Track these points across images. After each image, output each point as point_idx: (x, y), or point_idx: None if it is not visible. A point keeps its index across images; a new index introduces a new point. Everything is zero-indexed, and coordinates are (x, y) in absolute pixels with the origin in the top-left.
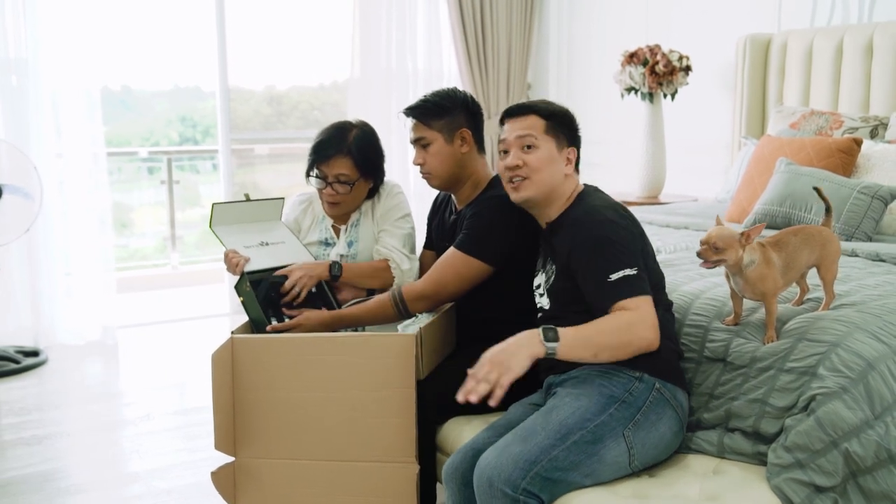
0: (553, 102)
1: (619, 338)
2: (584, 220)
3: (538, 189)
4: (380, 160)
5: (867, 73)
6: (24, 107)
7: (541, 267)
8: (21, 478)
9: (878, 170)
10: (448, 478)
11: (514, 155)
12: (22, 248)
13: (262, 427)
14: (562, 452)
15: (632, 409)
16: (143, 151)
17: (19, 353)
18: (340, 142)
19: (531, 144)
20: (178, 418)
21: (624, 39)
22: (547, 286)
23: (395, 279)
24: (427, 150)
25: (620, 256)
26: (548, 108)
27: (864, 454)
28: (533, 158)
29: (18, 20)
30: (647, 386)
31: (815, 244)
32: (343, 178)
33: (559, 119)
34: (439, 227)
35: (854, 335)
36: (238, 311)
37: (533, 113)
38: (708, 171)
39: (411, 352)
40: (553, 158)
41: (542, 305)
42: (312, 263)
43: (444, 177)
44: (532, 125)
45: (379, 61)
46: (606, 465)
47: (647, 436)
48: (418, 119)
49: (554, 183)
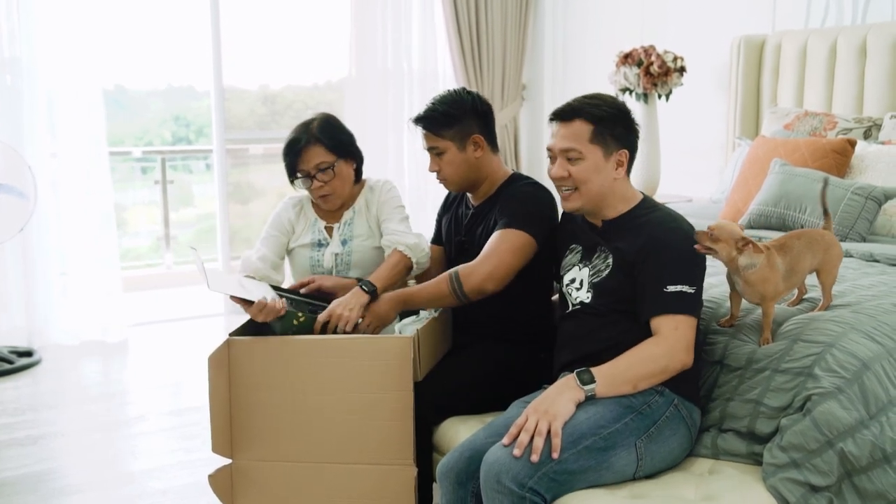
0: (605, 99)
1: (653, 367)
2: (660, 226)
3: (587, 199)
4: (350, 139)
5: (861, 75)
6: (18, 106)
7: (579, 261)
8: (15, 478)
9: (872, 171)
10: (442, 476)
11: (560, 166)
12: (16, 248)
13: (259, 429)
14: (572, 455)
15: (647, 421)
16: (138, 151)
17: (13, 353)
18: (306, 133)
19: (576, 157)
20: (173, 418)
21: (618, 40)
22: (593, 279)
23: (410, 258)
24: (441, 158)
25: (687, 272)
26: (596, 111)
27: (859, 454)
28: (578, 170)
29: (13, 19)
30: (666, 401)
31: (818, 248)
32: (323, 165)
33: (608, 123)
34: (451, 222)
35: (849, 335)
36: (232, 312)
37: (580, 118)
38: (702, 172)
39: (408, 355)
40: (599, 167)
41: (581, 299)
42: (345, 297)
43: (460, 182)
44: (578, 134)
45: (375, 61)
46: (613, 472)
47: (658, 449)
48: (428, 130)
49: (603, 190)
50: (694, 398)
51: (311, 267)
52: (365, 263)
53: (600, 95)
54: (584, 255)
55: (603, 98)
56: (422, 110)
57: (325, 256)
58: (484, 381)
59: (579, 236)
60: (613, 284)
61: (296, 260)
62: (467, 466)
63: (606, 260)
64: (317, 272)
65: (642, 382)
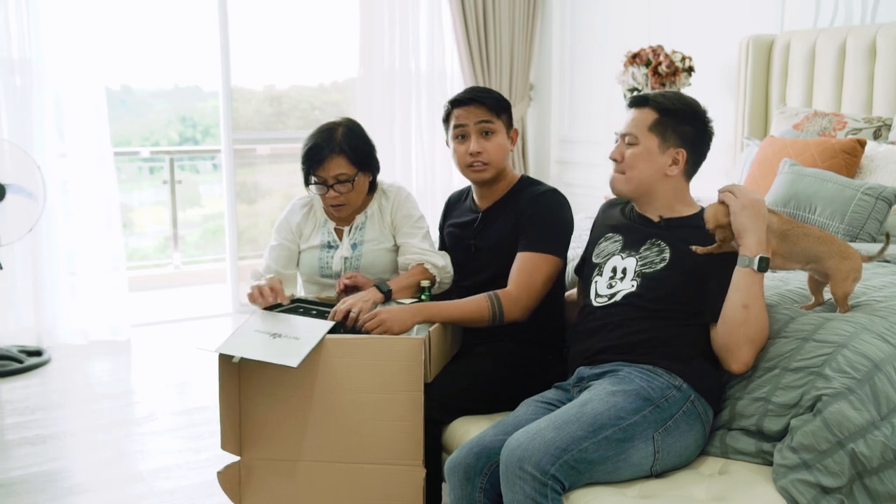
0: (682, 97)
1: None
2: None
3: (633, 184)
4: (372, 150)
5: (870, 75)
6: (27, 107)
7: (621, 250)
8: (25, 477)
9: (882, 171)
10: (450, 472)
11: (618, 148)
12: (25, 248)
13: (268, 428)
14: (592, 445)
15: (664, 415)
16: (146, 151)
17: (22, 352)
18: (330, 142)
19: (632, 143)
20: (181, 418)
21: (626, 40)
22: (643, 269)
23: (435, 277)
24: (489, 138)
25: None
26: (666, 103)
27: (871, 455)
28: (630, 154)
29: (22, 20)
30: (683, 396)
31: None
32: (342, 178)
33: (674, 116)
34: (457, 228)
35: (860, 336)
36: (241, 312)
37: (649, 106)
38: (710, 172)
39: (419, 356)
40: (652, 156)
41: (623, 291)
42: (361, 293)
43: (499, 169)
44: (641, 120)
45: (382, 61)
46: (630, 464)
47: (675, 443)
48: (489, 107)
49: (651, 181)
50: (710, 397)
51: (320, 268)
52: (373, 268)
53: (682, 95)
54: (628, 245)
55: (681, 97)
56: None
57: (334, 259)
58: (493, 381)
59: (623, 226)
60: (667, 278)
61: (303, 260)
62: (475, 462)
63: (662, 253)
64: (325, 274)
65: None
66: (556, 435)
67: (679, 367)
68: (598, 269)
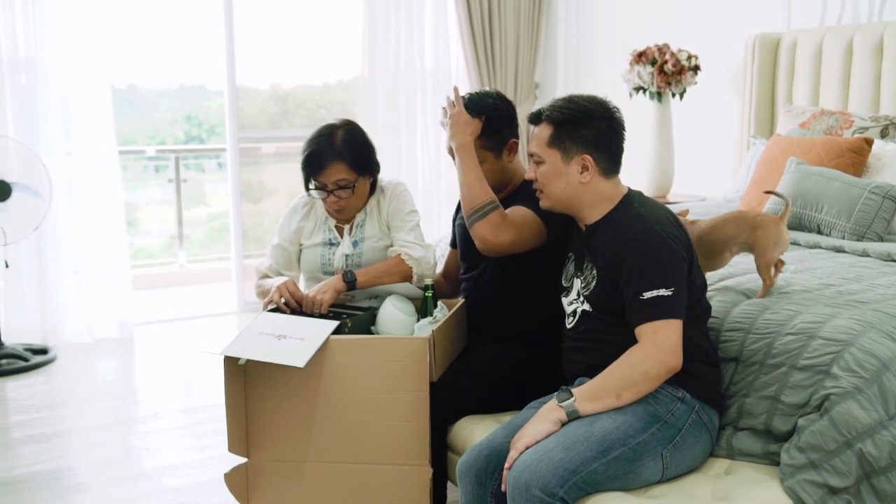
0: (575, 101)
1: (632, 374)
2: (627, 229)
3: (553, 201)
4: (372, 154)
5: (877, 73)
6: (33, 105)
7: (574, 272)
8: (30, 475)
9: (889, 170)
10: (462, 475)
11: (531, 167)
12: (31, 247)
13: (274, 429)
14: (601, 466)
15: (672, 431)
16: (151, 150)
17: (28, 350)
18: (330, 147)
19: (538, 161)
20: (186, 416)
21: (632, 39)
22: (585, 292)
23: (411, 269)
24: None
25: (658, 275)
26: (557, 115)
27: (878, 455)
28: (540, 174)
29: (28, 19)
30: (688, 408)
31: (740, 225)
32: (343, 183)
33: (567, 126)
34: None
35: (868, 335)
36: (246, 310)
37: (543, 121)
38: (716, 171)
39: (424, 356)
40: (559, 171)
41: (585, 310)
42: (324, 282)
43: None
44: (540, 137)
45: (387, 60)
46: (639, 481)
47: (683, 457)
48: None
49: (568, 193)
50: (713, 402)
51: (322, 266)
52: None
53: (575, 97)
54: (577, 265)
55: (573, 101)
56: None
57: (335, 256)
58: (498, 380)
59: (573, 242)
60: (603, 296)
61: (305, 258)
62: (486, 465)
63: (592, 270)
64: (327, 271)
65: (626, 392)
66: (565, 456)
67: (678, 377)
68: (566, 291)
